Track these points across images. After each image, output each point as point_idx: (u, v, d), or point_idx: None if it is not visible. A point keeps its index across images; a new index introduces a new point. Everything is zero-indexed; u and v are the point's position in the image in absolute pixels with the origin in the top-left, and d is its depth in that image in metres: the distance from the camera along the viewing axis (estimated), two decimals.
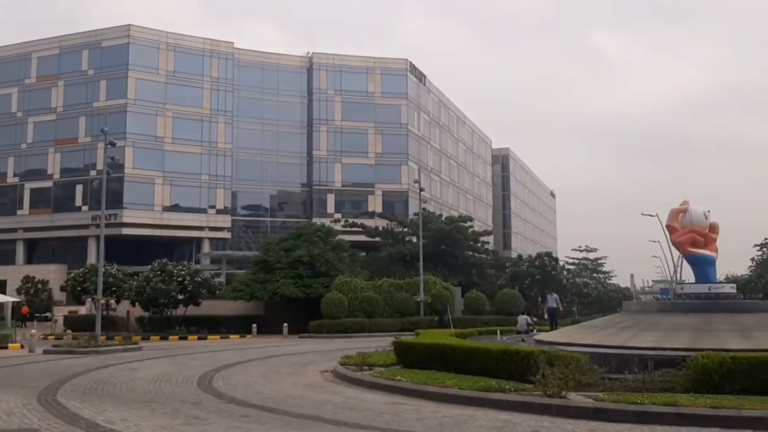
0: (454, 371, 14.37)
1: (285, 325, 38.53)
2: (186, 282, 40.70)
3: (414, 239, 51.72)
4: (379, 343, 24.51)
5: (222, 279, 54.59)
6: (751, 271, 65.38)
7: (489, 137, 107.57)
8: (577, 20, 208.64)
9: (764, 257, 67.12)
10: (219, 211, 69.71)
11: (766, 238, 72.37)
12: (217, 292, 44.05)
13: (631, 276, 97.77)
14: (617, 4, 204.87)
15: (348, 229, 57.07)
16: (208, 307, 42.72)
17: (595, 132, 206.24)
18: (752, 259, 70.29)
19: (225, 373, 17.88)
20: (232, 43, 73.06)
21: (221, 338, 37.84)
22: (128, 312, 43.86)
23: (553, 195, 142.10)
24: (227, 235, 70.41)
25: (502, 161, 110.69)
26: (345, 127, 74.77)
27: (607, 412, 10.50)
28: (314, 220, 64.48)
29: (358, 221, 59.70)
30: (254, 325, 39.79)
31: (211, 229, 69.15)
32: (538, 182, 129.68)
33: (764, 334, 14.98)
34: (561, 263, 67.50)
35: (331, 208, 73.66)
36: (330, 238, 46.82)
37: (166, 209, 66.83)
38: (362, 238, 59.06)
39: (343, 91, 75.48)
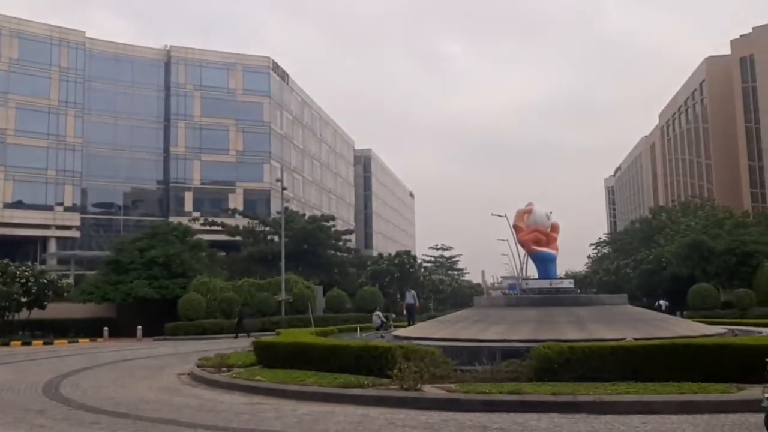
0: (315, 369, 14.49)
1: (139, 327, 37.04)
2: (30, 284, 37.92)
3: (276, 238, 51.33)
4: (239, 344, 24.20)
5: (70, 280, 51.39)
6: (587, 268, 70.70)
7: (351, 138, 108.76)
8: (426, 28, 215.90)
9: (599, 255, 72.84)
10: (67, 209, 65.55)
11: (600, 238, 78.71)
12: (65, 294, 41.39)
13: (483, 273, 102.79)
14: (461, 15, 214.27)
15: (207, 228, 55.68)
16: (56, 311, 40.02)
17: (449, 135, 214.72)
18: (588, 257, 76.13)
19: (74, 378, 16.95)
20: (83, 32, 68.91)
21: (69, 343, 35.66)
22: None
23: (412, 195, 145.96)
24: (76, 234, 66.38)
25: (363, 162, 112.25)
26: (205, 124, 72.77)
27: (459, 402, 11.08)
28: (171, 218, 62.32)
29: (218, 220, 58.36)
30: (106, 329, 37.86)
31: (58, 227, 64.91)
32: (397, 183, 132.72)
33: (597, 325, 16.35)
34: (419, 261, 69.59)
35: (189, 206, 71.43)
36: (187, 238, 45.49)
37: (7, 206, 61.96)
38: (222, 237, 57.80)
39: (203, 87, 73.43)
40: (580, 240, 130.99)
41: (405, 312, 35.35)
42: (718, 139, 79.49)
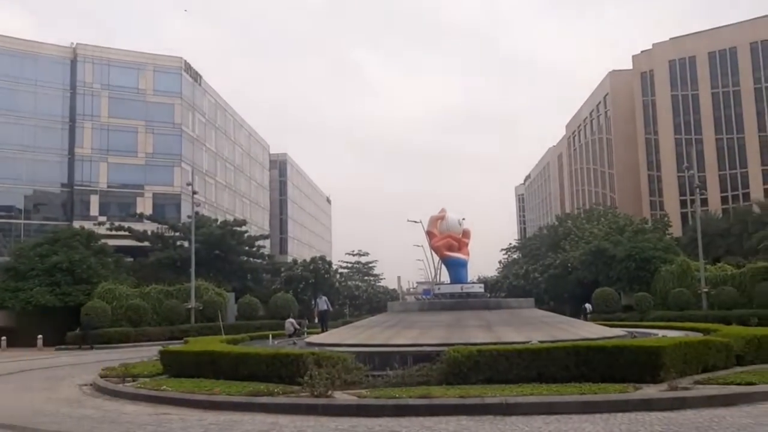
0: (225, 378, 14.24)
1: (40, 337, 35.25)
2: None
3: (186, 244, 50.00)
4: (146, 353, 23.53)
5: None
6: (498, 273, 72.54)
7: (267, 142, 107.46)
8: (339, 35, 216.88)
9: (509, 260, 74.88)
10: None
11: (510, 244, 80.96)
12: None
13: (399, 278, 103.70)
14: (373, 23, 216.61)
15: (114, 233, 53.63)
16: None
17: (365, 141, 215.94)
18: (500, 262, 78.13)
19: None
20: None
21: None
22: None
23: (329, 200, 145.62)
24: None
25: (279, 166, 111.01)
26: (112, 125, 70.11)
27: (369, 407, 11.12)
28: (76, 223, 59.69)
29: (126, 224, 56.31)
30: (4, 338, 35.81)
31: None
32: (314, 188, 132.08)
33: (505, 328, 16.80)
34: (335, 267, 69.42)
35: (95, 210, 68.57)
36: (92, 243, 43.70)
37: None
38: (130, 242, 55.80)
39: (111, 87, 70.73)
40: (492, 246, 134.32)
41: (317, 318, 35.22)
42: (620, 150, 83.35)
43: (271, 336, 24.83)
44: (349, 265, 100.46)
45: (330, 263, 64.01)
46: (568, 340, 14.69)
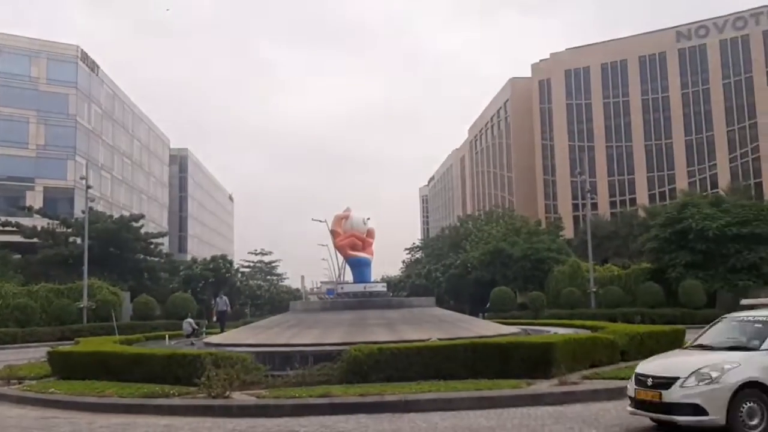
0: (118, 380, 13.77)
1: None
2: None
3: (79, 240, 47.78)
4: (34, 355, 22.41)
5: None
6: (402, 272, 73.49)
7: (167, 137, 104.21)
8: (247, 30, 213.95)
9: (412, 260, 76.02)
10: None
11: (413, 244, 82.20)
12: None
13: (302, 277, 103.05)
14: (284, 21, 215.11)
15: (0, 228, 50.61)
16: None
17: (271, 140, 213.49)
18: (403, 262, 79.15)
19: None
20: None
21: None
22: None
23: (231, 198, 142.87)
24: None
25: (180, 162, 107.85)
26: (1, 114, 66.03)
27: (268, 408, 11.04)
28: None
29: (13, 220, 53.17)
30: None
31: None
32: (216, 185, 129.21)
33: (406, 327, 17.08)
34: (236, 266, 68.22)
35: None
36: None
37: None
38: (18, 238, 52.73)
39: (0, 74, 66.60)
40: (396, 246, 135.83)
41: (216, 318, 34.60)
42: (518, 155, 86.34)
43: (167, 336, 24.14)
44: (252, 264, 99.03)
45: (231, 262, 62.87)
46: (466, 338, 15.12)
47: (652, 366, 9.27)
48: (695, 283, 37.09)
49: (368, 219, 23.16)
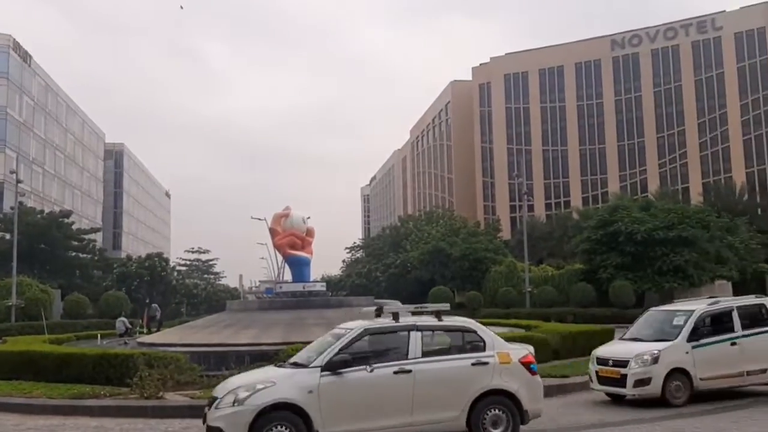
0: (47, 380, 13.45)
1: None
2: None
3: (8, 236, 46.06)
4: None
5: None
6: (342, 272, 73.42)
7: (102, 131, 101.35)
8: (185, 24, 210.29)
9: (353, 259, 76.06)
10: None
11: (354, 243, 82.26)
12: None
13: (240, 276, 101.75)
14: (223, 17, 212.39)
15: None
16: None
17: (210, 136, 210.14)
18: (344, 261, 79.09)
19: None
20: None
21: None
22: None
23: (168, 195, 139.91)
24: None
25: (115, 157, 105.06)
26: None
27: (201, 408, 10.92)
28: None
29: None
30: None
31: None
32: (153, 181, 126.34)
33: None
34: (172, 264, 66.89)
35: None
36: None
37: None
38: None
39: None
40: (338, 245, 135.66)
41: (145, 322, 34.44)
42: (459, 157, 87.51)
43: (99, 336, 23.59)
44: (189, 262, 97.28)
45: (167, 260, 61.65)
46: None
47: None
48: (625, 284, 38.33)
49: (308, 218, 23.20)
